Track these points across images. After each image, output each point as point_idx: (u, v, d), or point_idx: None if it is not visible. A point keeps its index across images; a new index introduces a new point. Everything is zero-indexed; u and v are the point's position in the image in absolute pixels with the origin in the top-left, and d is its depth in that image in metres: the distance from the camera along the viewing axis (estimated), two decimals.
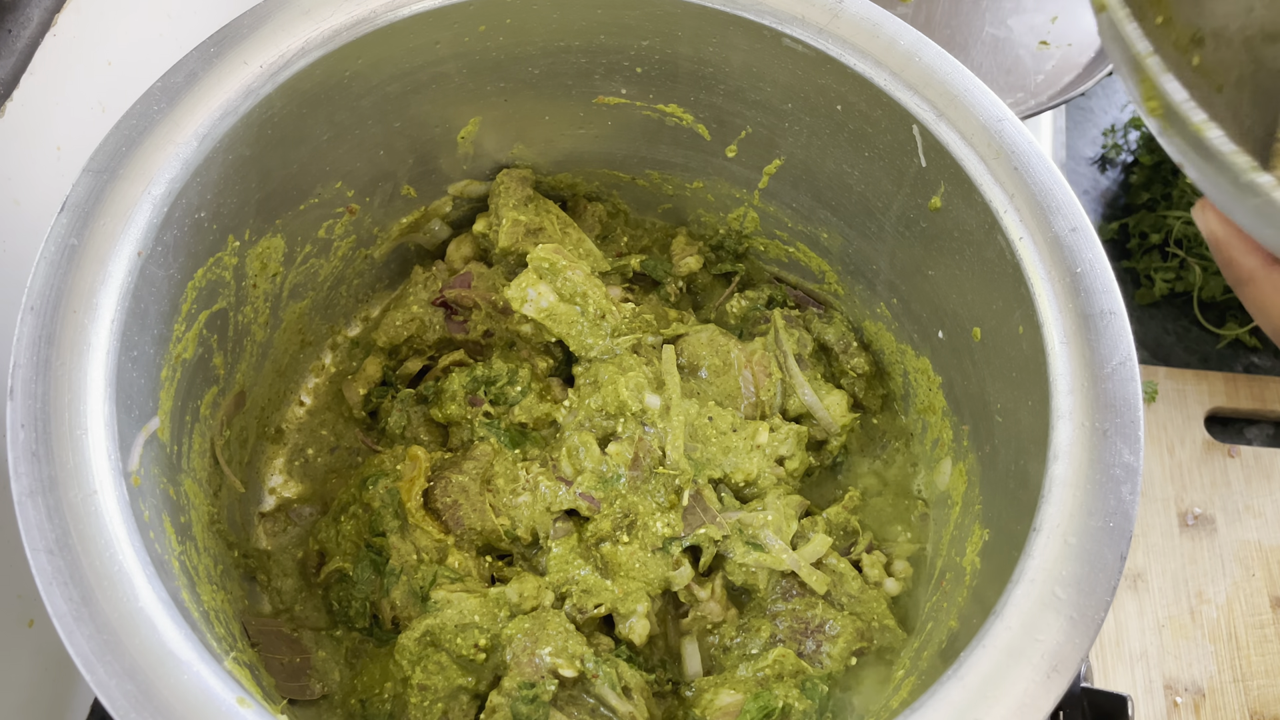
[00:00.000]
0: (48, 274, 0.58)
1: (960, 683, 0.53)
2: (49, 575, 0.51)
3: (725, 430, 0.79)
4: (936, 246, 0.73)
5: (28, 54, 0.73)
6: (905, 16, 1.05)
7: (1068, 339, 0.61)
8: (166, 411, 0.65)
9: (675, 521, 0.75)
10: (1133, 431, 0.57)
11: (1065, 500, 0.56)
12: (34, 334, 0.57)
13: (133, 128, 0.63)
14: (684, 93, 0.80)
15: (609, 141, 0.86)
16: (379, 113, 0.76)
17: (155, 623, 0.51)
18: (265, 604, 0.78)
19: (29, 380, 0.55)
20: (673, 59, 0.77)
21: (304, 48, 0.68)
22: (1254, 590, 0.98)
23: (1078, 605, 0.54)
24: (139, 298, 0.61)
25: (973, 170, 0.66)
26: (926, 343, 0.79)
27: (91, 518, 0.53)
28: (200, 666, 0.51)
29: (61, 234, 0.59)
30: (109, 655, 0.50)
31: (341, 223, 0.81)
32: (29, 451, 0.54)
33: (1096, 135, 1.27)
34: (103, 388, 0.57)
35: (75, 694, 0.82)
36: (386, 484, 0.76)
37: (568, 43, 0.77)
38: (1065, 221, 0.64)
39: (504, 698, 0.67)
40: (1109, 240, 1.19)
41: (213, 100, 0.65)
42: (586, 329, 0.81)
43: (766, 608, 0.76)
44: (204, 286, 0.69)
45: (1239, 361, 1.12)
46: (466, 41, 0.75)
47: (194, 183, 0.64)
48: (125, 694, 0.49)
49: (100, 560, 0.52)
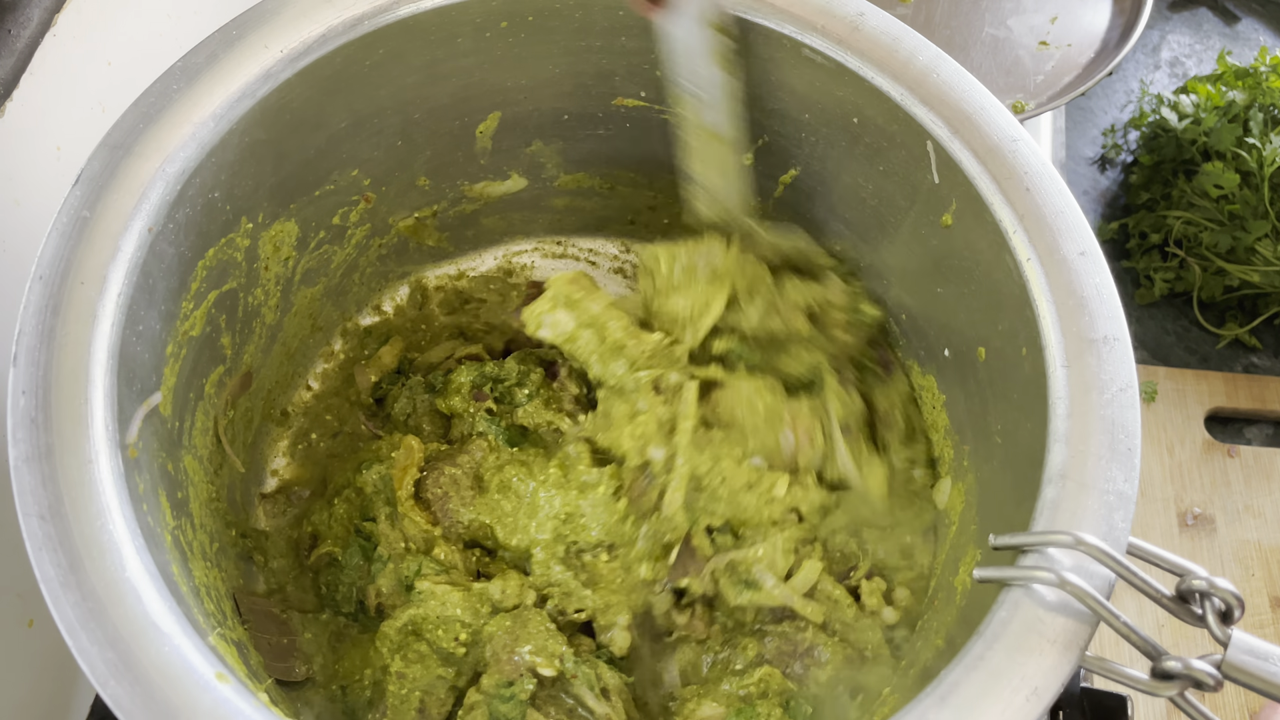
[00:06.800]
0: (58, 244, 0.59)
1: (940, 701, 0.52)
2: (39, 541, 0.52)
3: (738, 488, 0.75)
4: (946, 264, 0.73)
5: (28, 54, 0.73)
6: (905, 17, 1.05)
7: (1069, 363, 0.60)
8: (170, 387, 0.66)
9: (661, 569, 0.74)
10: (1128, 459, 0.57)
11: (1056, 525, 0.56)
12: (41, 303, 0.57)
13: (151, 105, 0.64)
14: None
15: (626, 143, 0.86)
16: (398, 103, 0.76)
17: (140, 593, 0.52)
18: (260, 583, 0.78)
19: (33, 348, 0.56)
20: None
21: (325, 35, 0.68)
22: (1253, 590, 0.97)
23: (1063, 629, 0.53)
24: (148, 273, 0.61)
25: (984, 189, 0.66)
26: (932, 360, 0.79)
27: (85, 486, 0.54)
28: (182, 639, 0.51)
29: (75, 206, 0.60)
30: (92, 622, 0.50)
31: (356, 210, 0.82)
32: (28, 418, 0.54)
33: (1096, 135, 1.27)
34: (105, 359, 0.57)
35: (75, 694, 0.82)
36: (380, 470, 0.76)
37: (589, 43, 0.77)
38: (1075, 245, 0.63)
39: (482, 695, 0.67)
40: (1109, 240, 1.18)
41: (231, 82, 0.66)
42: (603, 356, 0.78)
43: (756, 627, 0.75)
44: (215, 266, 0.69)
45: (1239, 361, 1.12)
46: (488, 37, 0.75)
47: (209, 162, 0.65)
48: (105, 661, 0.50)
49: (91, 529, 0.53)
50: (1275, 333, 1.12)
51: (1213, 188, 1.05)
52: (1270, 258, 1.04)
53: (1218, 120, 1.08)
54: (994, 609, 0.54)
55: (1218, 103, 1.10)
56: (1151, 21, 1.34)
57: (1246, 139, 1.05)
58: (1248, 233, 1.05)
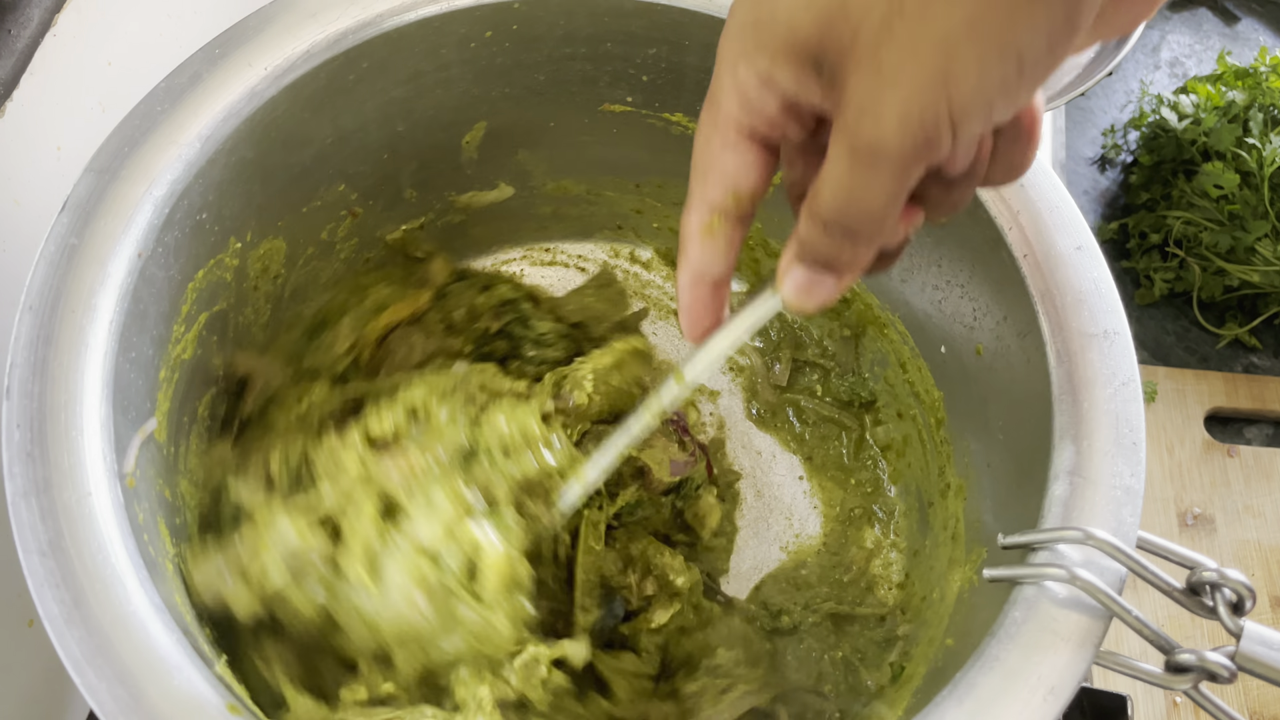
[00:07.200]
0: (47, 273, 0.58)
1: (958, 704, 0.52)
2: (41, 578, 0.51)
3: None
4: (942, 261, 0.73)
5: (28, 54, 0.72)
6: None
7: (1070, 358, 0.60)
8: (164, 413, 0.65)
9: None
10: (1134, 454, 0.57)
11: (1066, 522, 0.56)
12: (32, 334, 0.56)
13: (135, 128, 0.63)
14: (690, 102, 0.79)
15: (613, 149, 0.86)
16: (383, 116, 0.76)
17: (147, 626, 0.51)
18: None
19: (25, 380, 0.55)
20: (679, 68, 0.77)
21: (309, 51, 0.68)
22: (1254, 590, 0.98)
23: (1077, 626, 0.53)
24: (138, 298, 0.60)
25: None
26: (929, 358, 0.79)
27: (85, 520, 0.53)
28: (191, 672, 0.50)
29: (62, 233, 0.59)
30: (99, 659, 0.50)
31: (344, 225, 0.81)
32: (24, 452, 0.53)
33: (1096, 135, 1.27)
34: (100, 389, 0.56)
35: (75, 694, 0.81)
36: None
37: (574, 50, 0.76)
38: (1071, 239, 0.64)
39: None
40: (1108, 240, 1.19)
41: (216, 102, 0.65)
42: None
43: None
44: (204, 288, 0.69)
45: (1239, 361, 1.12)
46: (473, 48, 0.74)
47: (196, 184, 0.64)
48: (115, 698, 0.49)
49: (93, 563, 0.52)
50: (1275, 333, 1.13)
51: (1213, 188, 1.06)
52: (1270, 258, 1.04)
53: (1218, 120, 1.09)
54: (1006, 608, 0.54)
55: (1218, 103, 1.11)
56: (1151, 21, 1.34)
57: (1246, 139, 1.05)
58: (1248, 233, 1.05)
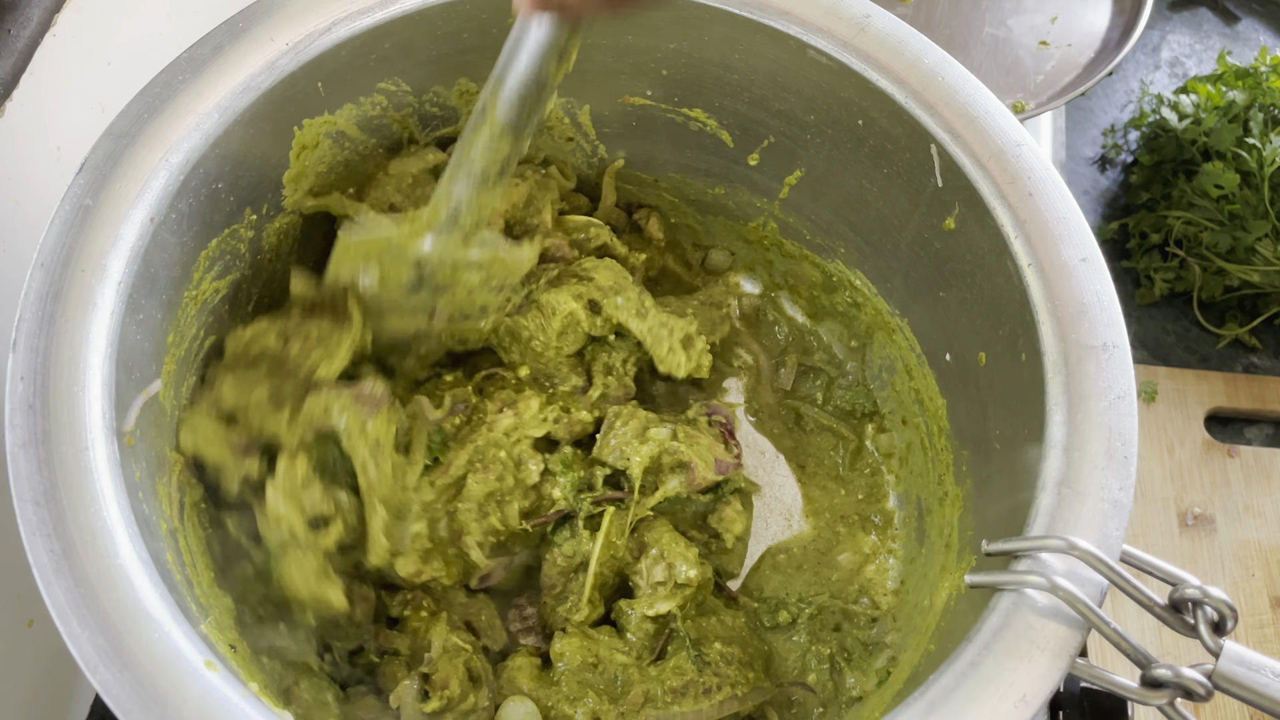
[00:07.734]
0: (60, 232, 0.59)
1: (928, 707, 0.52)
2: (34, 526, 0.52)
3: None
4: (949, 268, 0.73)
5: (28, 54, 0.73)
6: (905, 17, 1.05)
7: (1068, 369, 0.60)
8: (169, 374, 0.66)
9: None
10: (1124, 468, 0.56)
11: (1050, 531, 0.55)
12: (41, 289, 0.58)
13: (156, 95, 0.64)
14: (709, 98, 0.80)
15: (632, 142, 0.86)
16: (404, 95, 0.77)
17: (133, 580, 0.52)
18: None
19: (32, 334, 0.57)
20: (699, 63, 0.77)
21: (331, 27, 0.69)
22: (1254, 590, 0.97)
23: (1054, 636, 0.53)
24: (149, 262, 0.62)
25: (986, 193, 0.66)
26: (934, 365, 0.78)
27: (81, 473, 0.54)
28: (172, 627, 0.51)
29: (77, 194, 0.61)
30: (84, 608, 0.51)
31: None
32: (26, 404, 0.55)
33: (1096, 135, 1.26)
34: (104, 347, 0.58)
35: (75, 694, 0.83)
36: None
37: (595, 40, 0.77)
38: (1076, 251, 0.63)
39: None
40: (1108, 240, 1.18)
41: (236, 74, 0.66)
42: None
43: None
44: (218, 256, 0.70)
45: (1239, 361, 1.11)
46: (494, 33, 0.75)
47: (212, 154, 0.65)
48: (96, 647, 0.50)
49: (85, 515, 0.53)
50: (1275, 333, 1.12)
51: (1213, 188, 1.05)
52: (1270, 258, 1.03)
53: (1218, 120, 1.08)
54: (985, 614, 0.54)
55: (1218, 103, 1.10)
56: (1151, 21, 1.33)
57: (1246, 139, 1.05)
58: (1248, 233, 1.04)
